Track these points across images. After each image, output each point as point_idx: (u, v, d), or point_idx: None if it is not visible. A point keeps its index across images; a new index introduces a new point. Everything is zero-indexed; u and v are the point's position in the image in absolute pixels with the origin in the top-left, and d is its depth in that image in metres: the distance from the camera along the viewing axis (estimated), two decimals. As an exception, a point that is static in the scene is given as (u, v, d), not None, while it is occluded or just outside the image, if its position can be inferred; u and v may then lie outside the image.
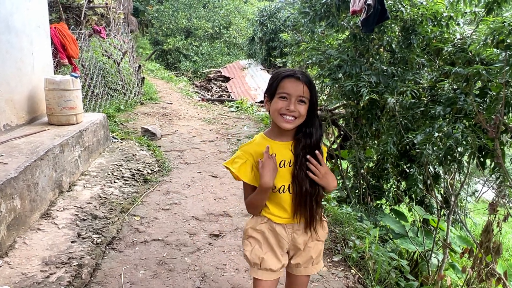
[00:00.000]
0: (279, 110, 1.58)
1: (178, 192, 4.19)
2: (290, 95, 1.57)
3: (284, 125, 1.59)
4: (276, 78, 1.62)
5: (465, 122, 4.27)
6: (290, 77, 1.58)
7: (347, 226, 3.55)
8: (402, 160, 5.84)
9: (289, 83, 1.57)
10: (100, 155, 4.85)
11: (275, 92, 1.60)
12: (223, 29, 18.51)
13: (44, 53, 4.71)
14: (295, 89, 1.57)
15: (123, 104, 7.24)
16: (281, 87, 1.59)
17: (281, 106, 1.58)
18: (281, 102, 1.58)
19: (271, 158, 1.60)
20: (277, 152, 1.64)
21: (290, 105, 1.56)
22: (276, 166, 1.62)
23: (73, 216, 3.31)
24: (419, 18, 4.98)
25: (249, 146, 1.70)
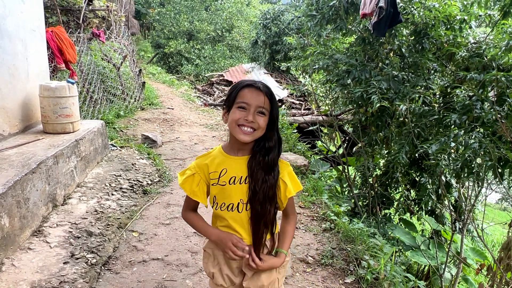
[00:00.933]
0: (237, 121, 1.48)
1: (179, 205, 3.96)
2: (250, 105, 1.47)
3: (242, 137, 1.48)
4: (235, 88, 1.53)
5: (482, 131, 4.05)
6: (250, 87, 1.49)
7: (359, 244, 3.32)
8: (412, 169, 5.62)
9: (249, 93, 1.48)
10: (98, 164, 4.63)
11: (234, 102, 1.50)
12: (225, 32, 18.33)
13: (39, 58, 4.51)
14: (255, 99, 1.47)
15: (123, 110, 7.03)
16: (240, 97, 1.49)
17: (239, 116, 1.47)
18: (239, 112, 1.48)
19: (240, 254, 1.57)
20: (229, 168, 1.56)
21: (248, 116, 1.46)
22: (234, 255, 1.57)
23: (66, 233, 3.09)
24: (431, 22, 4.76)
25: (203, 158, 1.62)
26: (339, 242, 3.38)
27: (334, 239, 3.42)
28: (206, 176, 1.59)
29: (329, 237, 3.47)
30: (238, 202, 1.56)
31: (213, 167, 1.57)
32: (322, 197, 4.31)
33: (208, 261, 1.71)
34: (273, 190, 1.56)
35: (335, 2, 5.10)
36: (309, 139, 7.73)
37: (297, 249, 3.24)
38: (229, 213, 1.58)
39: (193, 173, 1.59)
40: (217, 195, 1.59)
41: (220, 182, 1.56)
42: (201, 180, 1.59)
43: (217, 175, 1.56)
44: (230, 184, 1.55)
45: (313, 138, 8.13)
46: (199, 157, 1.65)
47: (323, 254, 3.17)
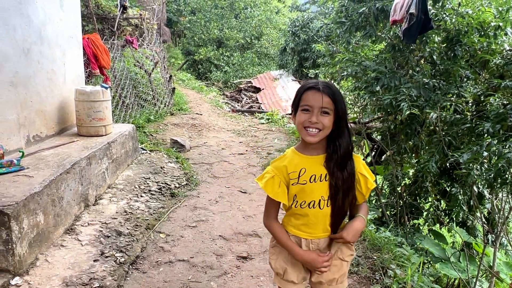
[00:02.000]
0: (303, 123, 1.57)
1: (205, 208, 4.03)
2: (312, 107, 1.54)
3: (308, 138, 1.57)
4: (299, 91, 1.61)
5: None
6: (311, 89, 1.55)
7: (386, 252, 3.26)
8: (442, 179, 5.47)
9: (311, 95, 1.55)
10: (128, 167, 4.77)
11: (298, 105, 1.58)
12: (254, 40, 18.49)
13: (76, 63, 4.70)
14: (317, 100, 1.53)
15: (153, 115, 7.21)
16: (303, 100, 1.57)
17: (304, 119, 1.56)
18: (303, 115, 1.56)
19: (323, 263, 1.65)
20: (307, 167, 1.63)
21: (312, 117, 1.54)
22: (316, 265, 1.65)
23: (97, 232, 3.20)
24: (464, 28, 4.66)
25: (279, 161, 1.69)
26: (365, 250, 3.33)
27: (360, 247, 3.38)
28: (285, 177, 1.64)
29: (355, 244, 3.43)
30: (319, 199, 1.63)
31: (292, 167, 1.63)
32: (348, 205, 4.25)
33: (279, 257, 1.76)
34: (353, 184, 1.64)
35: (365, 9, 5.07)
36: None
37: (322, 256, 3.22)
38: (311, 210, 1.65)
39: (273, 175, 1.64)
40: (297, 193, 1.64)
41: (301, 181, 1.62)
42: (281, 181, 1.64)
43: (296, 174, 1.63)
44: (311, 182, 1.62)
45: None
46: (274, 160, 1.71)
47: (348, 262, 3.13)
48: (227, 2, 18.72)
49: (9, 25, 3.39)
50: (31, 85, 3.75)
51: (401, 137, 5.27)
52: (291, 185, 1.64)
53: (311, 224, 1.67)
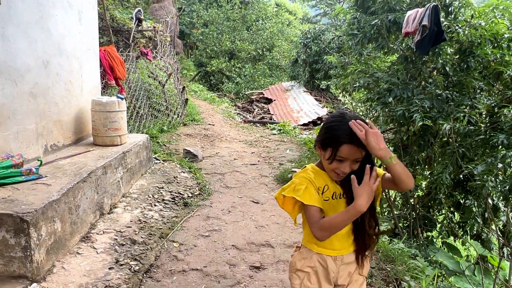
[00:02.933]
0: (334, 169, 1.59)
1: (218, 218, 4.05)
2: (348, 159, 1.55)
3: (335, 178, 1.63)
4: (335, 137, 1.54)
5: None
6: (351, 144, 1.51)
7: (399, 264, 3.24)
8: (456, 191, 5.42)
9: (348, 150, 1.53)
10: (142, 176, 4.83)
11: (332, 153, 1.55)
12: (266, 51, 18.64)
13: (92, 75, 4.81)
14: (353, 155, 1.54)
15: (166, 125, 7.30)
16: (341, 152, 1.53)
17: (336, 166, 1.57)
18: (336, 163, 1.57)
19: (370, 183, 1.46)
20: (329, 184, 1.65)
21: (345, 169, 1.56)
22: (372, 193, 1.48)
23: (112, 240, 3.24)
24: (477, 40, 4.66)
25: (305, 173, 1.68)
26: (378, 261, 3.32)
27: (373, 258, 3.36)
28: (315, 187, 1.64)
29: (368, 256, 3.41)
30: None
31: (317, 182, 1.64)
32: (361, 216, 4.24)
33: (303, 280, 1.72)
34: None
35: (377, 21, 5.11)
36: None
37: (335, 267, 3.21)
38: None
39: (305, 185, 1.62)
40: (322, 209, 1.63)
41: (324, 197, 1.64)
42: (314, 189, 1.63)
43: (321, 190, 1.64)
44: (333, 199, 1.65)
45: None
46: (298, 174, 1.69)
47: (361, 273, 3.12)
48: (239, 15, 18.97)
49: (30, 38, 3.50)
50: (50, 96, 3.85)
51: (414, 148, 5.25)
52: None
53: (335, 241, 1.67)
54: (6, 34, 3.17)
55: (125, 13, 11.99)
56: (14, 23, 3.27)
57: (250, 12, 19.24)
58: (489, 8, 4.70)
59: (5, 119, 3.21)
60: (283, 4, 27.95)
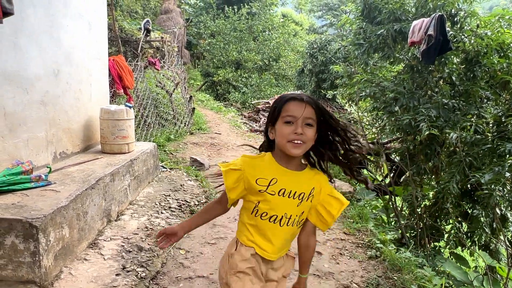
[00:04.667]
0: (287, 137, 1.47)
1: (224, 226, 4.06)
2: (296, 118, 1.46)
3: (293, 151, 1.49)
4: (279, 102, 1.52)
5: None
6: (294, 100, 1.49)
7: (406, 273, 3.22)
8: (463, 200, 5.39)
9: (294, 106, 1.48)
10: (149, 184, 4.86)
11: (279, 116, 1.50)
12: (272, 61, 18.76)
13: (101, 84, 4.89)
14: (300, 111, 1.46)
15: (173, 134, 7.36)
16: (285, 110, 1.48)
17: (288, 131, 1.47)
18: (286, 127, 1.48)
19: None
20: (279, 178, 1.53)
21: (297, 129, 1.46)
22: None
23: (119, 247, 3.26)
24: (483, 49, 4.67)
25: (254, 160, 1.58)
26: (385, 270, 3.30)
27: (380, 267, 3.34)
28: (250, 179, 1.54)
29: (375, 264, 3.39)
30: (282, 215, 1.55)
31: (264, 173, 1.54)
32: (367, 225, 4.23)
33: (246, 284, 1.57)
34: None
35: (383, 31, 5.15)
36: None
37: (341, 275, 3.20)
38: (270, 224, 1.56)
39: (239, 169, 1.56)
40: (261, 202, 1.55)
41: (269, 190, 1.53)
42: (243, 180, 1.56)
43: (266, 182, 1.53)
44: (279, 195, 1.53)
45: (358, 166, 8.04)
46: (248, 156, 1.60)
47: (368, 282, 3.11)
48: (246, 26, 19.14)
49: (41, 47, 3.58)
50: (60, 104, 3.91)
51: (421, 157, 5.24)
52: (258, 191, 1.53)
53: (267, 240, 1.58)
54: (18, 43, 3.25)
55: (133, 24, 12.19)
56: (26, 33, 3.35)
57: (256, 23, 19.41)
58: (495, 18, 4.73)
59: (16, 127, 3.27)
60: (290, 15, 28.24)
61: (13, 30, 3.17)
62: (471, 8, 5.07)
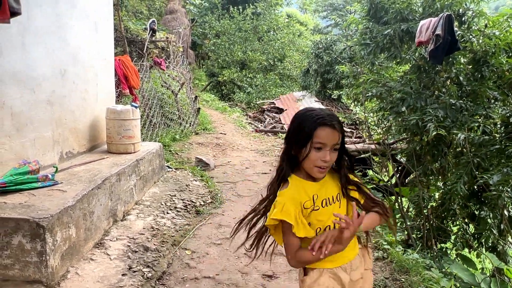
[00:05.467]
0: (315, 163, 1.51)
1: (230, 226, 4.04)
2: (326, 145, 1.49)
3: (319, 175, 1.56)
4: (308, 125, 1.49)
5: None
6: (326, 126, 1.48)
7: (414, 275, 3.19)
8: (470, 201, 5.34)
9: (325, 133, 1.48)
10: (155, 184, 4.86)
11: (309, 141, 1.48)
12: (277, 62, 18.74)
13: (107, 84, 4.89)
14: (331, 139, 1.49)
15: (179, 134, 7.36)
16: (317, 137, 1.48)
17: (317, 158, 1.50)
18: (315, 153, 1.50)
19: (355, 223, 1.48)
20: (318, 192, 1.58)
21: (326, 157, 1.49)
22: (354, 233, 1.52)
23: (125, 247, 3.26)
24: (491, 49, 4.63)
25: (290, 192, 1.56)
26: (392, 272, 3.27)
27: (387, 269, 3.32)
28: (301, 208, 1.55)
29: (382, 266, 3.37)
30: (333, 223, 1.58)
31: (305, 196, 1.56)
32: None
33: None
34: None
35: (390, 31, 5.12)
36: (360, 167, 7.60)
37: (348, 277, 3.18)
38: None
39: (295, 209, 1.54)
40: (312, 221, 1.57)
41: (315, 207, 1.57)
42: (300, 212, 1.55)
43: (311, 202, 1.56)
44: (323, 206, 1.58)
45: (364, 166, 7.99)
46: (282, 192, 1.57)
47: (375, 283, 3.08)
48: (251, 26, 19.12)
49: (48, 47, 3.58)
50: (66, 104, 3.92)
51: (428, 158, 5.20)
52: (307, 215, 1.56)
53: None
54: (25, 43, 3.25)
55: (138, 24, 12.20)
56: (33, 33, 3.35)
57: (261, 23, 19.39)
58: (503, 18, 4.68)
59: (23, 126, 3.28)
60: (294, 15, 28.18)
61: (21, 30, 3.18)
62: (479, 8, 5.02)
